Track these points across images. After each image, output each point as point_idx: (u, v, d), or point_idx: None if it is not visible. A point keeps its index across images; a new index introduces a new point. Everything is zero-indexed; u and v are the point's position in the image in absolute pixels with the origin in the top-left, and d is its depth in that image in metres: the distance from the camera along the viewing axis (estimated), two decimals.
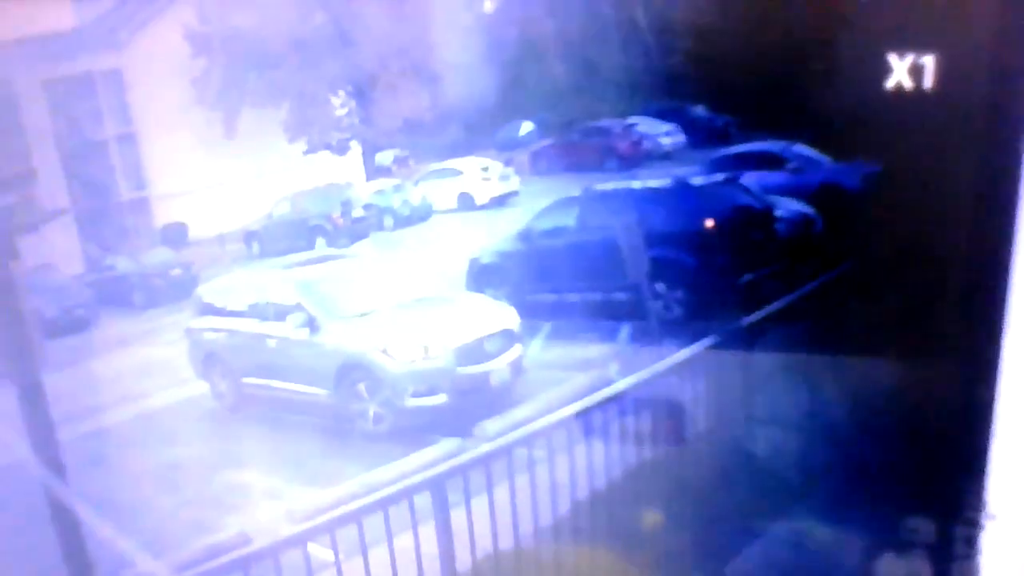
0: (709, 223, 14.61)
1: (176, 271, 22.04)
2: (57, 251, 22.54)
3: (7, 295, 10.64)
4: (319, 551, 6.60)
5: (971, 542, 4.00)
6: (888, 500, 6.71)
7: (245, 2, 23.31)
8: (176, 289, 20.91)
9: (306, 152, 26.03)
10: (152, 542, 7.66)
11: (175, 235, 24.51)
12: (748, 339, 9.19)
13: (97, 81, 24.66)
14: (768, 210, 15.16)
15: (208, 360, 15.50)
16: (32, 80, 22.87)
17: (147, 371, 16.59)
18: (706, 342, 8.95)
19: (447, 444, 7.39)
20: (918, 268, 6.05)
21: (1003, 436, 3.75)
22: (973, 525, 4.03)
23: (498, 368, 13.57)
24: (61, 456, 7.78)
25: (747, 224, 14.87)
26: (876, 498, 6.94)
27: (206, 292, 16.57)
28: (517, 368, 13.83)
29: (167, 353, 16.78)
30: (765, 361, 9.16)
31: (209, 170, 23.88)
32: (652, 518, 8.33)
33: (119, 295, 21.82)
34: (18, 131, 22.92)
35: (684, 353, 8.87)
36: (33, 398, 8.60)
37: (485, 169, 24.57)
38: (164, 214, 25.04)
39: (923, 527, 6.23)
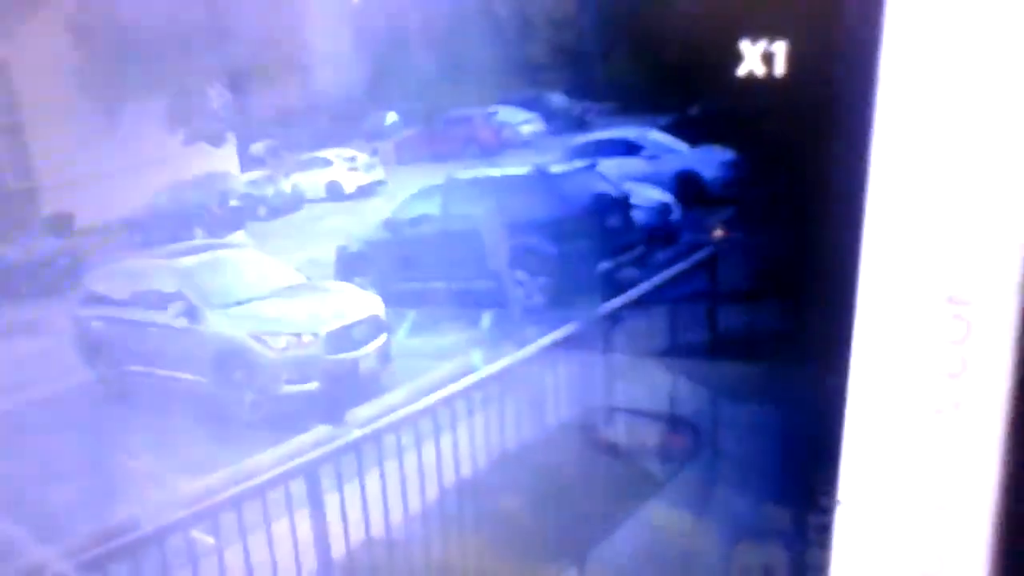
0: (567, 210, 14.60)
1: (63, 260, 21.57)
2: None
3: None
4: (202, 536, 6.38)
5: (825, 529, 3.76)
6: (744, 489, 6.59)
7: None
8: (63, 278, 20.50)
9: (184, 143, 25.73)
10: (40, 529, 7.41)
11: (61, 224, 24.05)
12: (608, 326, 9.04)
13: None
14: (625, 198, 15.13)
15: (94, 348, 15.23)
16: None
17: (34, 359, 16.09)
18: (567, 329, 8.79)
19: (320, 431, 7.25)
20: (770, 255, 5.87)
21: (853, 424, 3.50)
22: (827, 512, 3.78)
23: (366, 355, 13.49)
24: None
25: (604, 211, 14.85)
26: (733, 487, 6.81)
27: (92, 280, 16.37)
28: (384, 356, 13.75)
29: (54, 341, 16.33)
30: (625, 348, 9.05)
31: (93, 160, 23.48)
32: (514, 505, 8.18)
33: (6, 284, 21.22)
34: None
35: (545, 340, 8.71)
36: None
37: (352, 159, 24.47)
38: (50, 204, 24.63)
39: (777, 514, 6.08)
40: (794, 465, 5.52)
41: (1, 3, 23.52)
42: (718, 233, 14.62)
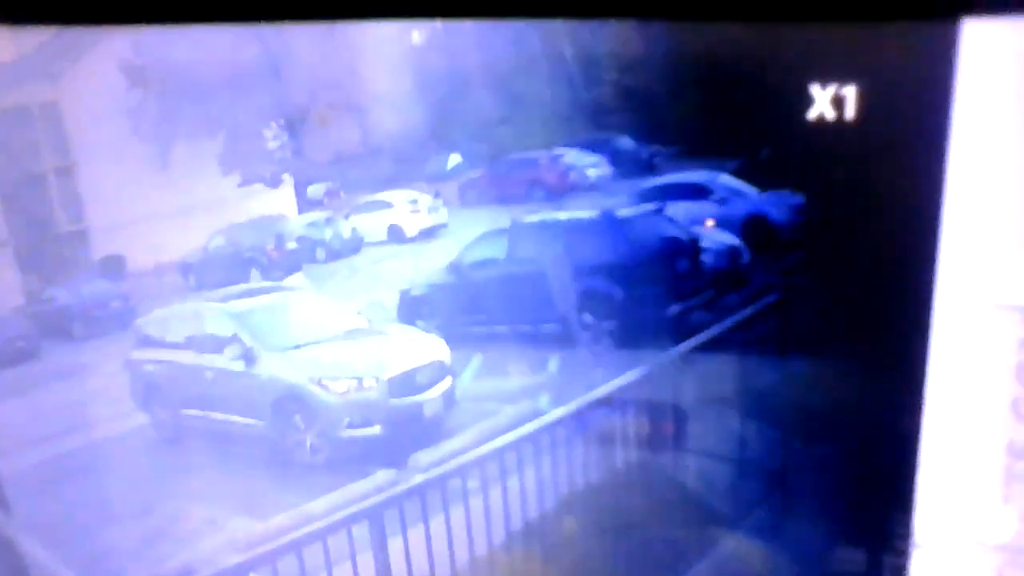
0: (634, 254, 14.64)
1: (115, 303, 21.73)
2: None
3: None
4: None
5: (900, 571, 3.93)
6: (817, 531, 6.68)
7: (179, 35, 23.12)
8: (115, 321, 20.60)
9: (240, 184, 25.79)
10: (96, 573, 7.56)
11: (113, 267, 24.10)
12: (677, 369, 9.18)
13: (33, 113, 24.43)
14: (694, 241, 15.18)
15: (148, 391, 15.34)
16: None
17: (88, 402, 16.18)
18: (635, 372, 8.93)
19: (383, 475, 7.39)
20: (842, 300, 6.01)
21: (928, 465, 3.69)
22: (902, 554, 3.95)
23: (431, 399, 13.55)
24: (2, 488, 7.64)
25: (673, 255, 14.89)
26: (806, 528, 6.91)
27: (145, 324, 16.50)
28: (449, 399, 13.79)
29: (108, 384, 16.45)
30: (694, 392, 9.16)
31: (146, 202, 23.62)
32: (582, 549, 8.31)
33: (60, 327, 21.41)
34: None
35: (613, 384, 8.86)
36: None
37: (414, 201, 24.40)
38: (102, 246, 24.76)
39: (852, 557, 6.19)
40: (869, 507, 5.69)
41: (50, 45, 23.84)
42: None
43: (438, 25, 20.54)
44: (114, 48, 24.00)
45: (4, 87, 23.00)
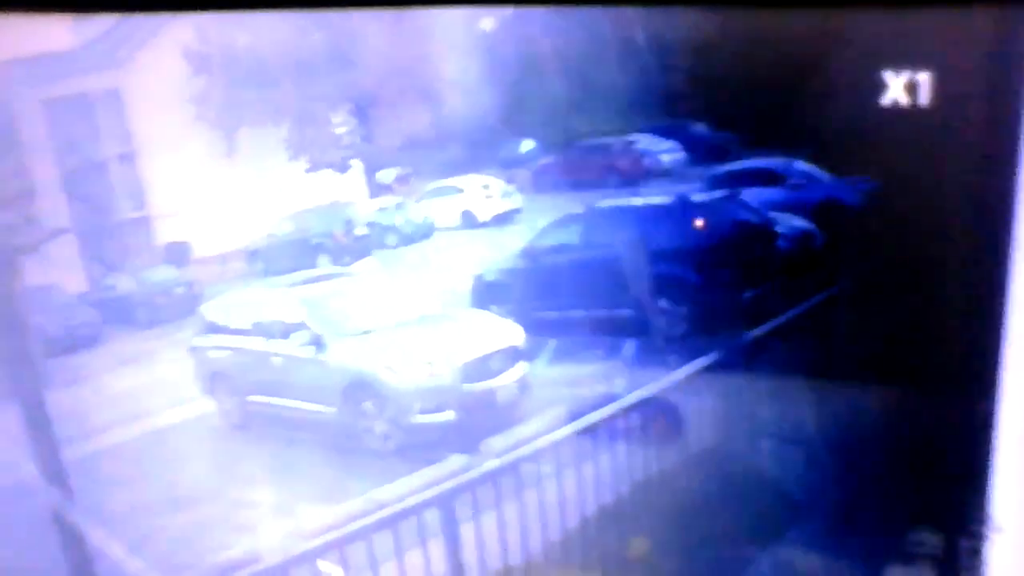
0: (709, 239, 14.68)
1: (179, 289, 22.01)
2: (59, 270, 22.54)
3: (9, 314, 10.67)
4: (329, 568, 6.64)
5: (976, 554, 4.09)
6: (893, 514, 6.78)
7: (244, 21, 23.19)
8: (180, 307, 20.94)
9: (308, 170, 25.85)
10: (161, 562, 7.75)
11: (178, 253, 24.25)
12: (751, 354, 9.27)
13: (96, 100, 24.65)
14: (768, 226, 15.32)
15: (214, 378, 15.57)
16: (31, 99, 22.85)
17: (152, 389, 16.42)
18: (710, 358, 9.03)
19: (455, 460, 7.45)
20: (918, 282, 6.14)
21: (1006, 448, 3.84)
22: (978, 538, 4.11)
23: (504, 385, 13.69)
24: (67, 475, 7.84)
25: (748, 240, 14.93)
26: (882, 513, 7.01)
27: (210, 310, 16.82)
28: (523, 385, 13.92)
29: (172, 371, 16.70)
30: (768, 376, 9.23)
31: (211, 189, 23.78)
32: (651, 539, 8.41)
33: (123, 313, 21.66)
34: (17, 150, 22.89)
35: (688, 368, 8.95)
36: (37, 417, 8.66)
37: (487, 187, 24.61)
38: (166, 232, 24.93)
39: (928, 540, 6.31)
40: (945, 491, 5.84)
41: (113, 32, 24.09)
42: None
43: (508, 10, 20.61)
44: (178, 35, 24.23)
45: (67, 75, 23.28)
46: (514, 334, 14.31)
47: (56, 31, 22.04)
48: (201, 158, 23.78)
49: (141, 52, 24.65)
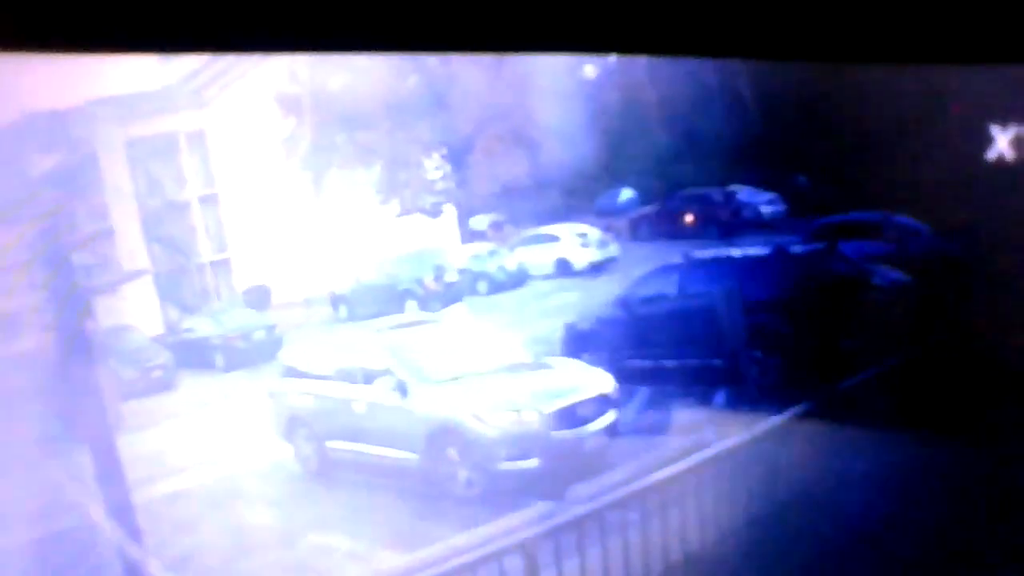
0: (806, 290, 14.64)
1: (259, 334, 22.13)
2: (136, 312, 22.76)
3: (84, 356, 10.80)
4: None
5: None
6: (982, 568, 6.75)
7: (337, 62, 23.38)
8: (259, 352, 21.12)
9: (399, 215, 26.06)
10: None
11: (258, 297, 24.61)
12: (844, 406, 9.24)
13: (180, 141, 25.05)
14: (865, 278, 15.18)
15: (292, 423, 15.52)
16: (114, 139, 23.15)
17: (230, 434, 16.76)
18: (801, 408, 9.02)
19: (539, 507, 7.45)
20: (1012, 338, 6.14)
21: None
22: None
23: (593, 433, 13.51)
24: (136, 519, 7.91)
25: (844, 292, 14.84)
26: (969, 564, 6.98)
27: (290, 355, 16.79)
28: (612, 433, 13.74)
29: (250, 416, 16.81)
30: (859, 428, 9.18)
31: (294, 232, 24.02)
32: None
33: (200, 357, 22.00)
34: (98, 190, 23.12)
35: (779, 419, 8.94)
36: (108, 460, 8.77)
37: (583, 235, 24.67)
38: (247, 276, 25.18)
39: None
40: None
41: (200, 72, 24.43)
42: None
43: (612, 58, 20.69)
44: (268, 76, 24.53)
45: (151, 114, 23.62)
46: (604, 382, 14.11)
47: (142, 71, 22.36)
48: (286, 201, 24.04)
49: (228, 92, 24.98)
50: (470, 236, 27.68)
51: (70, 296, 11.26)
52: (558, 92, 21.30)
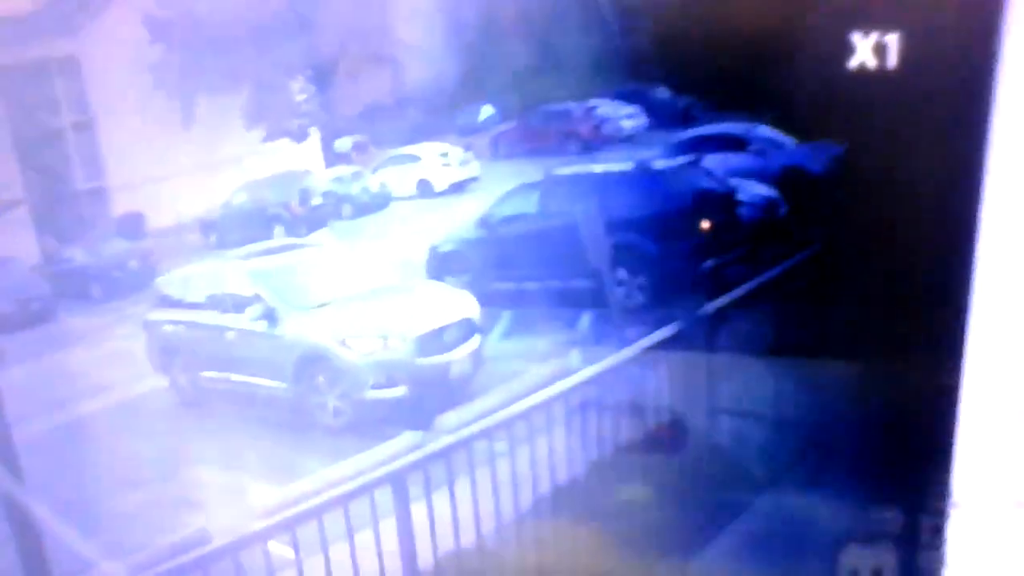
0: (670, 207, 14.57)
1: (134, 263, 21.90)
2: (12, 243, 22.30)
3: None
4: (280, 549, 6.50)
5: (937, 532, 3.96)
6: (855, 491, 6.69)
7: None
8: (134, 281, 20.78)
9: (265, 139, 25.78)
10: (111, 541, 7.56)
11: (132, 226, 24.11)
12: (712, 326, 9.14)
13: (53, 68, 24.45)
14: (731, 193, 15.12)
15: (167, 353, 15.36)
16: None
17: (105, 365, 16.36)
18: (669, 330, 8.89)
19: (407, 437, 7.29)
20: (881, 251, 6.02)
21: (967, 424, 3.71)
22: (939, 514, 3.98)
23: (458, 358, 13.47)
24: (15, 454, 7.64)
25: (709, 208, 14.80)
26: (843, 489, 6.92)
27: (164, 284, 16.48)
28: (477, 358, 13.72)
29: (125, 347, 16.57)
30: (729, 349, 9.12)
31: (166, 159, 23.62)
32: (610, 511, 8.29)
33: (77, 287, 21.65)
34: None
35: (646, 341, 8.81)
36: None
37: (444, 155, 24.55)
38: (121, 204, 24.75)
39: (890, 517, 6.22)
40: (904, 467, 5.72)
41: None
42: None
43: None
44: (137, 1, 24.00)
45: (21, 41, 23.00)
46: (469, 306, 14.09)
47: None
48: (158, 127, 23.62)
49: (99, 18, 24.46)
50: (335, 159, 27.49)
51: None
52: (417, 9, 21.11)
